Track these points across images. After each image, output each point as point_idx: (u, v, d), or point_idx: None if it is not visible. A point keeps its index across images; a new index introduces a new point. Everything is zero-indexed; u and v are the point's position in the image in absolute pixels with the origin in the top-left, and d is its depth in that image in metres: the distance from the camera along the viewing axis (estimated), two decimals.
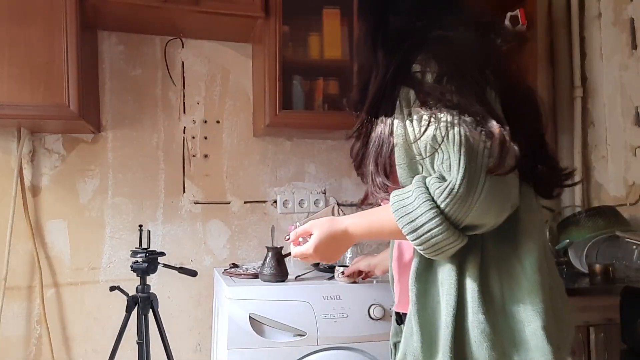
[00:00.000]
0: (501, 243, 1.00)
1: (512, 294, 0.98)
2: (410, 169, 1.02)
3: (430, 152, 0.95)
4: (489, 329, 0.96)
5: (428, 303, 1.02)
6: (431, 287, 1.03)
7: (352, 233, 1.09)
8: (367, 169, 1.11)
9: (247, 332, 1.63)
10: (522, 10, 2.23)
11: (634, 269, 2.16)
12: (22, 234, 2.03)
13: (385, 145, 1.06)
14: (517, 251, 1.00)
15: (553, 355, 0.95)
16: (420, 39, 1.06)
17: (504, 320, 0.98)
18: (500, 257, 1.00)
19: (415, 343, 1.01)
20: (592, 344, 1.90)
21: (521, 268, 0.99)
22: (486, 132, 0.91)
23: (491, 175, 0.90)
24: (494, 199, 0.91)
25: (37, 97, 1.72)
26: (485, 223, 0.94)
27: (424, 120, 0.96)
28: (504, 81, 1.04)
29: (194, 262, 2.21)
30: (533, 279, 0.98)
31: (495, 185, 0.90)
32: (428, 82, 0.99)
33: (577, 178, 2.46)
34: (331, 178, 2.38)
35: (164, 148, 2.20)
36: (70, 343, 2.07)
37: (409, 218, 0.94)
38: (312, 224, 1.12)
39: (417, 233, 0.94)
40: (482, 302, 0.96)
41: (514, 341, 0.97)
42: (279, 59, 1.96)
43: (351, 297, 1.71)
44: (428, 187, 0.93)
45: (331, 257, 1.14)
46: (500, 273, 1.00)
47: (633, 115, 2.35)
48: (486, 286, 0.98)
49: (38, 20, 1.72)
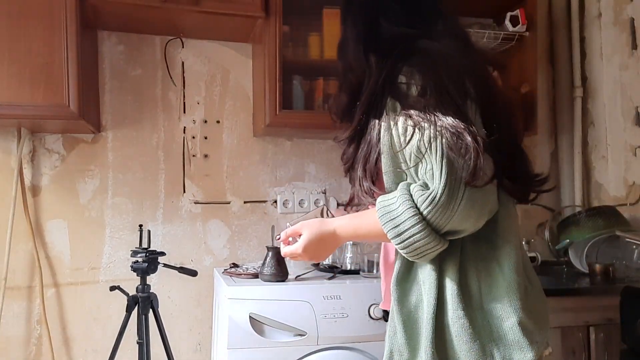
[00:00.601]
0: (479, 245, 1.06)
1: (489, 292, 1.05)
2: (396, 176, 1.07)
3: (415, 162, 1.01)
4: (468, 323, 1.02)
5: (410, 302, 1.09)
6: (413, 287, 1.09)
7: (340, 235, 1.15)
8: (356, 174, 1.16)
9: (247, 332, 1.63)
10: (522, 10, 2.23)
11: (634, 269, 2.16)
12: (22, 234, 2.03)
13: (373, 152, 1.10)
14: (496, 253, 1.07)
15: (530, 347, 1.01)
16: (407, 49, 1.10)
17: (482, 317, 1.04)
18: (478, 258, 1.07)
19: (400, 340, 1.08)
20: (592, 344, 1.90)
21: (499, 268, 1.05)
22: (464, 145, 0.97)
23: (469, 186, 0.96)
24: (474, 206, 0.97)
25: (37, 97, 1.72)
26: (465, 229, 1.00)
27: (409, 131, 1.01)
28: (483, 91, 1.09)
29: (194, 262, 2.21)
30: (510, 278, 1.04)
31: (474, 194, 0.96)
32: (413, 94, 1.04)
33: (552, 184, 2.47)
34: (331, 178, 2.38)
35: (164, 148, 2.20)
36: (70, 343, 2.07)
37: (394, 223, 0.99)
38: (302, 225, 1.17)
39: (400, 237, 0.99)
40: (461, 299, 1.03)
41: (492, 336, 1.03)
42: (279, 59, 1.96)
43: (351, 297, 1.71)
44: (412, 195, 0.98)
45: (319, 257, 1.19)
46: (478, 273, 1.06)
47: (633, 115, 2.35)
48: (465, 285, 1.05)
49: (38, 20, 1.72)
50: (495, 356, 1.02)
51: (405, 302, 1.09)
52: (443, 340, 1.03)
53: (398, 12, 1.16)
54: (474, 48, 1.20)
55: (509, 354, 1.02)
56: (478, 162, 0.96)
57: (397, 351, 1.09)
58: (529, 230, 2.59)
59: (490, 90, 1.13)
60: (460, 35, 1.19)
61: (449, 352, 1.03)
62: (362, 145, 1.14)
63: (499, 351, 1.02)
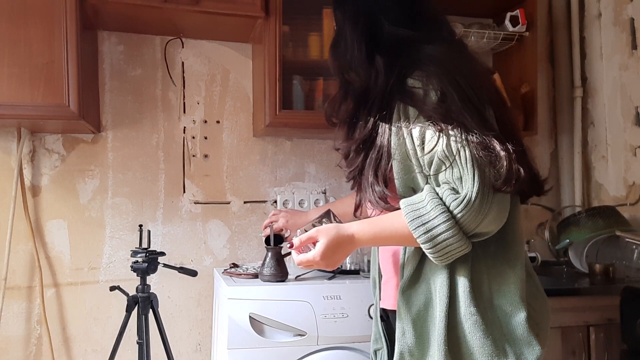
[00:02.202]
0: (488, 244, 1.08)
1: (499, 289, 1.08)
2: (408, 181, 1.08)
3: (437, 167, 1.02)
4: (481, 320, 1.04)
5: (420, 301, 1.10)
6: (422, 287, 1.11)
7: (359, 239, 1.11)
8: (366, 180, 1.14)
9: (247, 332, 1.63)
10: (522, 11, 2.23)
11: (634, 269, 2.16)
12: (22, 234, 2.03)
13: (384, 157, 1.10)
14: (505, 251, 1.10)
15: (537, 342, 1.05)
16: (415, 52, 1.11)
17: (493, 313, 1.07)
18: (488, 257, 1.09)
19: (409, 340, 1.09)
20: (592, 344, 1.90)
21: (508, 266, 1.09)
22: (494, 154, 1.00)
23: (496, 191, 0.99)
24: (500, 210, 1.01)
25: (37, 97, 1.72)
26: (491, 231, 1.03)
27: (431, 137, 1.02)
28: (493, 97, 1.12)
29: (194, 262, 2.21)
30: (519, 275, 1.08)
31: (502, 199, 1.01)
32: (432, 99, 1.04)
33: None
34: (331, 178, 2.38)
35: (164, 148, 2.20)
36: (70, 343, 2.07)
37: (426, 227, 1.00)
38: (319, 231, 1.12)
39: (433, 241, 1.01)
40: (472, 297, 1.05)
41: (503, 331, 1.06)
42: (279, 59, 1.96)
43: (351, 297, 1.71)
44: (442, 198, 1.00)
45: (335, 264, 1.14)
46: (488, 270, 1.09)
47: (633, 115, 2.35)
48: (476, 282, 1.07)
49: (38, 20, 1.72)
50: (508, 352, 1.04)
51: (415, 302, 1.10)
52: (456, 337, 1.05)
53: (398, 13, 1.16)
54: (471, 53, 1.21)
55: (519, 349, 1.05)
56: (512, 169, 0.99)
57: (408, 351, 1.09)
58: (529, 230, 2.59)
59: (498, 93, 1.16)
60: (457, 40, 1.21)
61: (462, 349, 1.05)
62: (371, 150, 1.13)
63: (510, 347, 1.05)
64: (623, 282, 2.00)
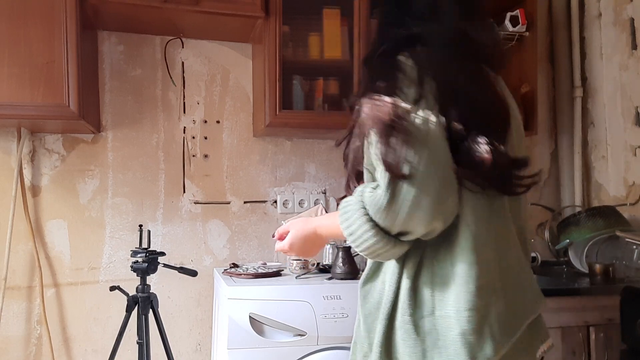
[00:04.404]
0: (438, 250, 1.03)
1: (442, 298, 1.00)
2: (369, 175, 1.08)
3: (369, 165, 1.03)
4: (413, 329, 1.01)
5: (373, 299, 1.11)
6: (377, 286, 1.11)
7: (320, 233, 1.20)
8: (348, 173, 1.17)
9: (247, 332, 1.63)
10: (522, 10, 2.23)
11: (634, 269, 2.16)
12: (22, 234, 2.03)
13: (358, 149, 1.10)
14: (452, 259, 1.01)
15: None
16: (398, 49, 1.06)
17: (432, 323, 1.01)
18: (435, 263, 1.03)
19: (362, 333, 1.13)
20: (592, 344, 1.90)
21: (453, 275, 1.00)
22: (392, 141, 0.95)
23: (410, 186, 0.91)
24: (419, 208, 0.92)
25: (37, 97, 1.72)
26: (414, 230, 0.96)
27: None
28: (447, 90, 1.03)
29: (194, 262, 2.21)
30: (464, 287, 0.98)
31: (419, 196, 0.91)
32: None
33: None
34: (331, 178, 2.38)
35: (164, 148, 2.20)
36: (70, 343, 2.07)
37: (348, 224, 1.01)
38: (290, 224, 1.24)
39: (353, 238, 1.01)
40: (410, 304, 1.02)
41: (437, 344, 1.00)
42: (279, 59, 1.96)
43: (351, 297, 1.71)
44: (362, 197, 0.99)
45: (307, 253, 1.25)
46: (433, 278, 1.02)
47: (633, 115, 2.35)
48: (418, 289, 1.03)
49: (38, 20, 1.72)
50: None
51: (369, 299, 1.12)
52: (391, 341, 1.05)
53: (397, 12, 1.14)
54: (469, 50, 1.09)
55: None
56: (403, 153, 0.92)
57: (360, 342, 1.14)
58: (529, 231, 2.58)
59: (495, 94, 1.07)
60: (456, 36, 1.09)
61: (394, 354, 1.04)
62: (351, 142, 1.13)
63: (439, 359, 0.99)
64: (623, 282, 2.00)
